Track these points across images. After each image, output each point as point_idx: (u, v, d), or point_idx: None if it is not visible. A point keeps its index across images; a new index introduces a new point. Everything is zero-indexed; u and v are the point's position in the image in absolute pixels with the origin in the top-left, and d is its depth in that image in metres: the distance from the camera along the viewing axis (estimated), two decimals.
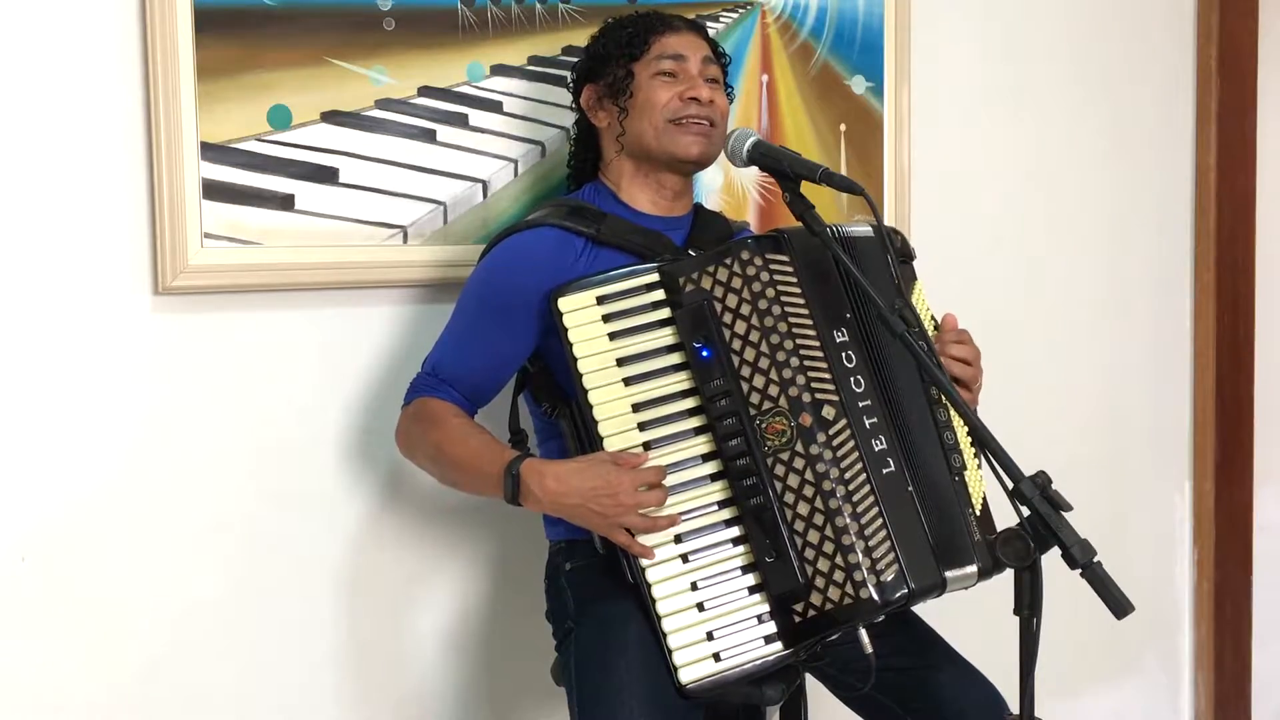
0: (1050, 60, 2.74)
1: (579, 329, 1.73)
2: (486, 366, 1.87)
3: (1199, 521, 3.04)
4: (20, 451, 1.81)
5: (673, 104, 1.86)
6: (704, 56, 1.91)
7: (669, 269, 1.76)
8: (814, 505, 1.69)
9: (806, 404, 1.71)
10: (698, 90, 1.87)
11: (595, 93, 1.93)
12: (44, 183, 1.80)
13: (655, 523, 1.70)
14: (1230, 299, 2.99)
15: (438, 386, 1.86)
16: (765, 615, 1.71)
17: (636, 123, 1.88)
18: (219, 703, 1.96)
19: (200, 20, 1.85)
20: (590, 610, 1.82)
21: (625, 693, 1.70)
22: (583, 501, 1.69)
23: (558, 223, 1.85)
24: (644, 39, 1.89)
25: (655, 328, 1.75)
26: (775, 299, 1.74)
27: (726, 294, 1.74)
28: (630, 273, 1.76)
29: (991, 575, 1.74)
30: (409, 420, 1.87)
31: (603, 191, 1.94)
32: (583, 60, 1.97)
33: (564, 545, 1.92)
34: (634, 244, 1.85)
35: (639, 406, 1.73)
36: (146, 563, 1.90)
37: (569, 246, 1.84)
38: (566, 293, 1.74)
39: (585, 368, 1.73)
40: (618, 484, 1.68)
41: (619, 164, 1.93)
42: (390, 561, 2.09)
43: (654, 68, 1.88)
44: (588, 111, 1.95)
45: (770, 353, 1.73)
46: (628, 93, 1.88)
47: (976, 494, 1.80)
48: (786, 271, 1.75)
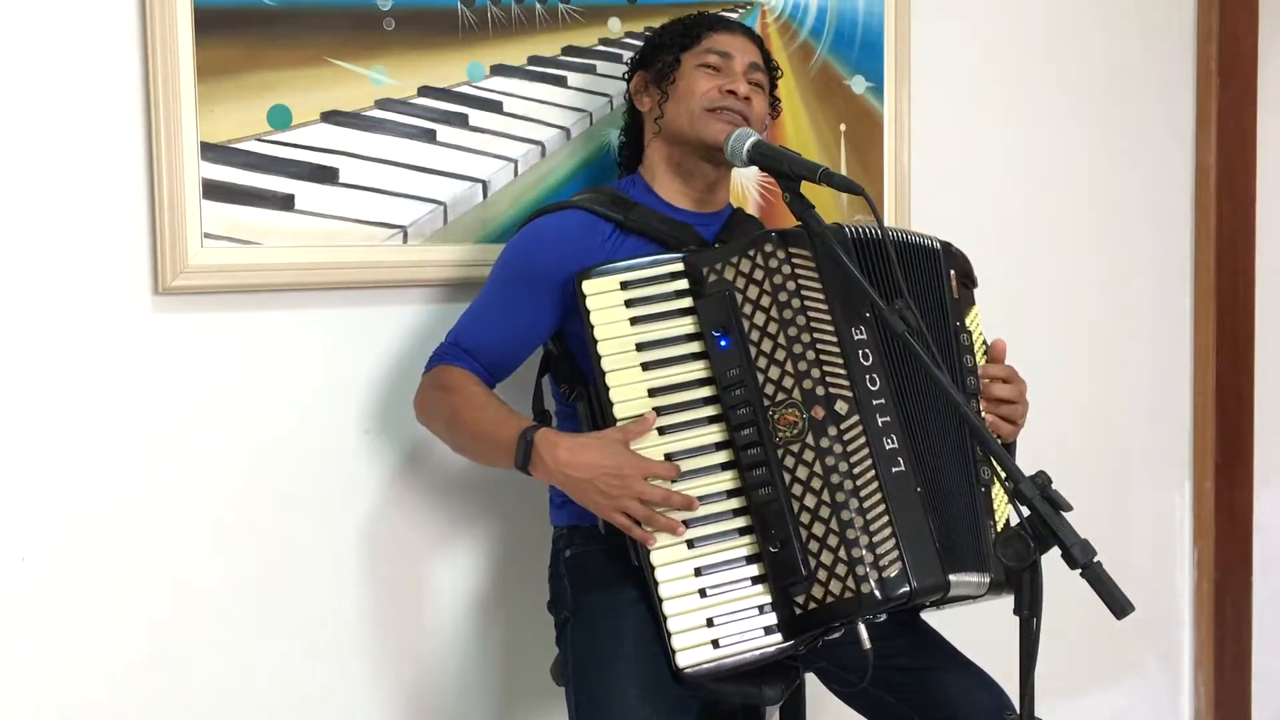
0: (1050, 60, 2.74)
1: (601, 312, 1.76)
2: (507, 339, 1.89)
3: (1199, 521, 3.04)
4: (20, 451, 1.81)
5: (711, 94, 1.90)
6: (752, 61, 1.94)
7: (693, 259, 1.78)
8: (821, 498, 1.69)
9: (820, 397, 1.72)
10: (737, 84, 1.90)
11: (644, 79, 1.98)
12: (44, 183, 1.80)
13: (654, 517, 1.70)
14: (1230, 299, 2.99)
15: (459, 356, 1.88)
16: (767, 606, 1.72)
17: (674, 107, 1.92)
18: (219, 702, 1.96)
19: (200, 20, 1.85)
20: (586, 599, 1.83)
21: (620, 683, 1.71)
22: (590, 477, 1.70)
23: (588, 207, 1.90)
24: (698, 33, 1.94)
25: (676, 316, 1.77)
26: (795, 292, 1.75)
27: (748, 285, 1.76)
28: (655, 261, 1.79)
29: (1002, 590, 1.75)
30: (427, 386, 1.90)
31: (639, 183, 1.98)
32: (640, 49, 2.02)
33: (566, 531, 1.93)
34: (660, 233, 1.88)
35: (655, 391, 1.75)
36: (146, 563, 1.90)
37: (595, 230, 1.87)
38: (591, 275, 1.77)
39: (605, 350, 1.75)
40: (628, 467, 1.69)
41: (654, 149, 1.97)
42: (389, 561, 2.09)
43: (700, 59, 1.92)
44: (634, 97, 2.00)
45: (787, 345, 1.74)
46: (671, 78, 1.92)
47: (1001, 511, 1.80)
48: (809, 266, 1.77)
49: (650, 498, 1.69)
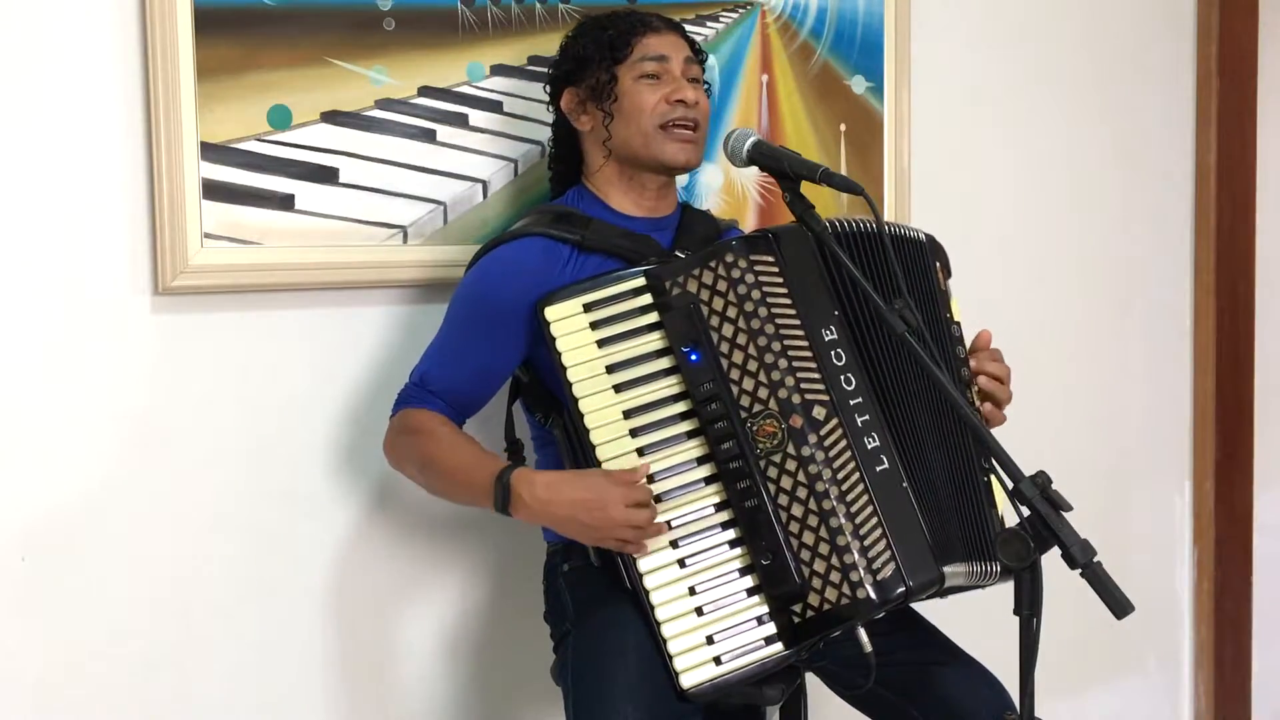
0: (1050, 60, 2.74)
1: (566, 337, 1.73)
2: (474, 378, 1.86)
3: (1199, 521, 3.04)
4: (20, 451, 1.81)
5: (660, 107, 1.86)
6: (685, 57, 1.91)
7: (654, 272, 1.76)
8: (808, 506, 1.69)
9: (796, 405, 1.71)
10: (683, 92, 1.86)
11: (577, 96, 1.91)
12: (44, 183, 1.80)
13: (642, 540, 1.70)
14: (1230, 299, 2.99)
15: (425, 398, 1.85)
16: (765, 616, 1.71)
17: (623, 128, 1.87)
18: (219, 702, 1.96)
19: (200, 20, 1.85)
20: (588, 612, 1.82)
21: (622, 697, 1.69)
22: (572, 513, 1.69)
23: (543, 231, 1.84)
24: (625, 40, 1.88)
25: (643, 332, 1.75)
26: (761, 300, 1.73)
27: (713, 297, 1.74)
28: (616, 278, 1.76)
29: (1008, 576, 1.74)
30: (396, 432, 1.86)
31: (587, 196, 1.93)
32: (560, 62, 1.95)
33: (561, 546, 1.91)
34: (621, 248, 1.84)
35: (630, 413, 1.73)
36: (145, 562, 1.90)
37: (556, 255, 1.83)
38: (553, 301, 1.74)
39: (574, 376, 1.73)
40: (608, 497, 1.67)
41: (606, 169, 1.92)
42: (389, 561, 2.09)
43: (637, 70, 1.87)
44: (569, 115, 1.93)
45: (759, 355, 1.72)
46: (612, 96, 1.87)
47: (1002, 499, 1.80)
48: (772, 272, 1.75)
49: (635, 521, 1.68)
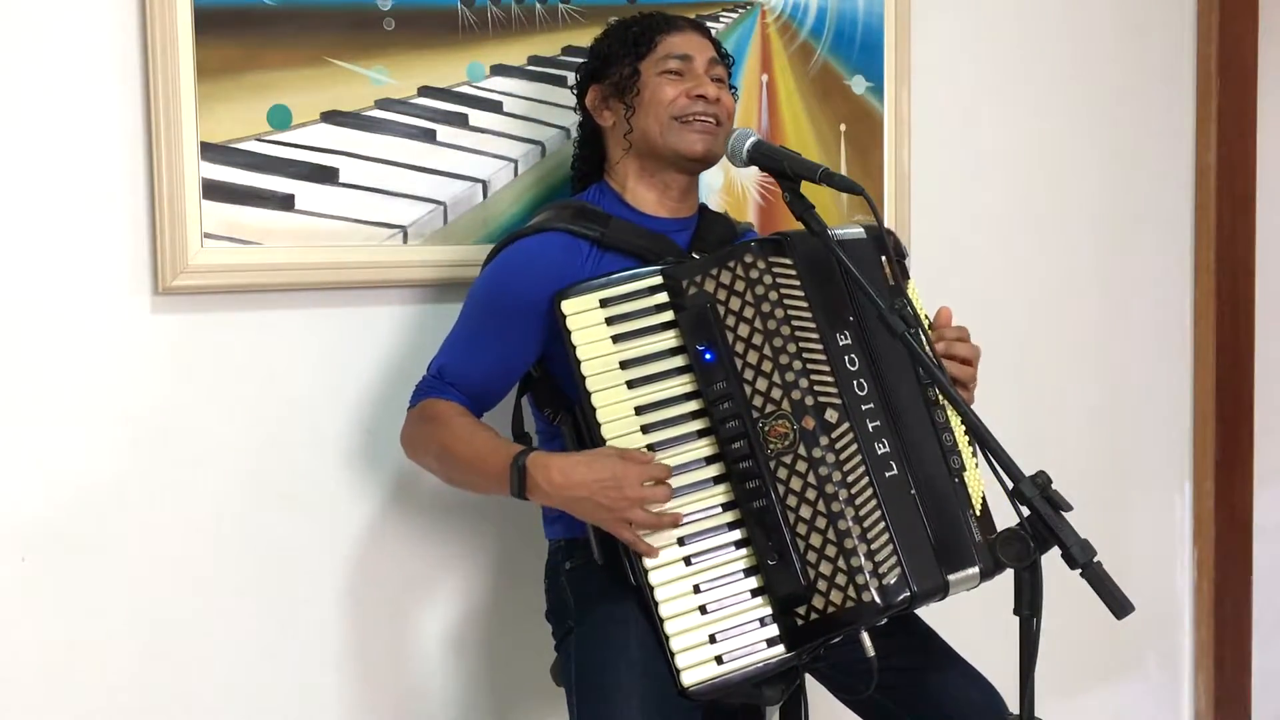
0: (1050, 60, 2.74)
1: (582, 331, 1.74)
2: (493, 371, 1.86)
3: (1199, 521, 3.04)
4: (21, 451, 1.81)
5: (680, 101, 1.87)
6: (710, 57, 1.92)
7: (672, 272, 1.76)
8: (816, 508, 1.69)
9: (809, 407, 1.71)
10: (704, 88, 1.87)
11: (600, 93, 1.93)
12: (44, 183, 1.80)
13: (659, 519, 1.70)
14: (1230, 299, 2.99)
15: (443, 389, 1.85)
16: (768, 618, 1.71)
17: (643, 120, 1.88)
18: (219, 702, 1.96)
19: (200, 20, 1.85)
20: (591, 610, 1.82)
21: (625, 694, 1.70)
22: (589, 494, 1.68)
23: (564, 226, 1.85)
24: (650, 38, 1.90)
25: (658, 330, 1.75)
26: (778, 302, 1.74)
27: (730, 297, 1.74)
28: (633, 275, 1.76)
29: (993, 575, 1.74)
30: (414, 422, 1.87)
31: (608, 193, 1.94)
32: (587, 61, 1.98)
33: (563, 544, 1.92)
34: (639, 247, 1.85)
35: (642, 409, 1.73)
36: (147, 562, 1.90)
37: (575, 250, 1.84)
38: (570, 295, 1.74)
39: (589, 370, 1.73)
40: (624, 476, 1.67)
41: (625, 164, 1.93)
42: (391, 561, 2.09)
43: (660, 66, 1.88)
44: (593, 112, 1.95)
45: (773, 356, 1.72)
46: (634, 90, 1.89)
47: (976, 495, 1.80)
48: (789, 274, 1.75)
49: (652, 497, 1.68)
